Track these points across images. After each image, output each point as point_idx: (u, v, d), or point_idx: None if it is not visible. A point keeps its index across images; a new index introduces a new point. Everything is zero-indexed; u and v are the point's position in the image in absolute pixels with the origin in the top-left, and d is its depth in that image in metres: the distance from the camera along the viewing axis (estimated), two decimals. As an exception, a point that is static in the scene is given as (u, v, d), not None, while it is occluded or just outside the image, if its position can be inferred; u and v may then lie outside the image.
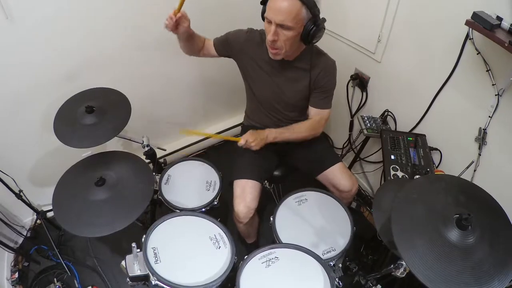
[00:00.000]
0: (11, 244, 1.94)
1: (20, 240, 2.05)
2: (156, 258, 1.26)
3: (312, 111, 1.61)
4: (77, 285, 1.84)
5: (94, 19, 1.68)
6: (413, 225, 0.99)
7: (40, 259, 1.98)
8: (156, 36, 1.92)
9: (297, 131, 1.58)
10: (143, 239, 1.31)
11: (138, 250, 1.27)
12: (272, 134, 1.54)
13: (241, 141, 1.48)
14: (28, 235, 2.08)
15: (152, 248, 1.29)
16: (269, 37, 1.34)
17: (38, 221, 2.10)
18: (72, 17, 1.61)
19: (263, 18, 1.37)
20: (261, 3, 1.36)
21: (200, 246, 1.34)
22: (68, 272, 1.88)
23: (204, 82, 2.36)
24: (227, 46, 1.59)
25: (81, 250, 2.03)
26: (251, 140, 1.47)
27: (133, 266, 1.26)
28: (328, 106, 1.60)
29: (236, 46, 1.57)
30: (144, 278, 1.27)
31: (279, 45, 1.36)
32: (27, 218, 2.14)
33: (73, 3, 1.58)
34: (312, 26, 1.31)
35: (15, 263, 1.94)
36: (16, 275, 1.87)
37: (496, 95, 1.34)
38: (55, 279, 1.84)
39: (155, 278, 1.20)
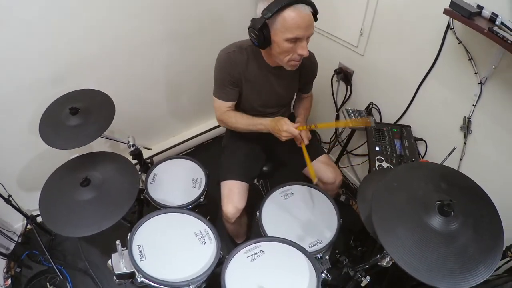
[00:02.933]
0: (3, 251, 1.94)
1: (12, 246, 2.04)
2: (142, 255, 1.26)
3: (303, 95, 1.76)
4: (69, 289, 1.83)
5: (79, 22, 1.68)
6: (394, 213, 0.99)
7: (32, 264, 1.97)
8: (141, 39, 1.95)
9: (308, 113, 1.74)
10: (128, 237, 1.31)
11: (124, 248, 1.27)
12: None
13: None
14: (20, 240, 2.07)
15: (138, 245, 1.29)
16: (305, 52, 1.30)
17: (29, 226, 2.09)
18: (58, 20, 1.62)
19: (268, 42, 1.30)
20: (260, 29, 1.25)
21: (185, 242, 1.33)
22: (60, 276, 1.87)
23: (190, 83, 2.38)
24: (236, 87, 1.51)
25: (72, 253, 2.03)
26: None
27: (119, 264, 1.26)
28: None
29: (238, 76, 1.47)
30: (131, 276, 1.27)
31: (307, 55, 1.33)
32: (18, 224, 2.13)
33: (58, 7, 1.59)
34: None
35: (8, 269, 1.92)
36: (9, 281, 1.86)
37: (479, 83, 1.35)
38: (47, 283, 1.84)
39: (141, 275, 1.20)
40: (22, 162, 1.96)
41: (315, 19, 1.31)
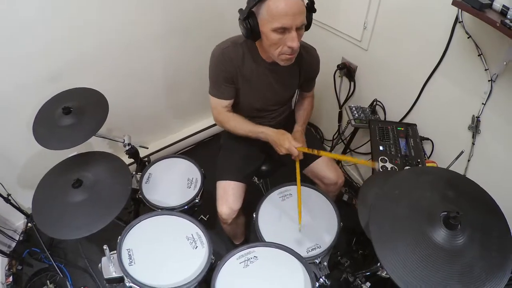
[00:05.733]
0: (5, 249, 1.95)
1: (13, 244, 2.05)
2: (131, 260, 1.24)
3: (304, 94, 1.69)
4: (69, 287, 1.84)
5: (73, 19, 1.65)
6: (394, 225, 0.91)
7: (32, 262, 1.98)
8: (136, 36, 1.91)
9: (308, 117, 1.68)
10: (118, 240, 1.28)
11: (114, 251, 1.25)
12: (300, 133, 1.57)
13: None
14: (21, 238, 2.08)
15: (127, 249, 1.27)
16: (295, 44, 1.19)
17: (29, 225, 2.10)
18: (52, 17, 1.59)
19: (257, 34, 1.23)
20: (246, 18, 1.21)
21: (176, 246, 1.30)
22: (60, 274, 1.88)
23: (188, 80, 2.34)
24: (231, 84, 1.44)
25: (72, 251, 2.03)
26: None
27: (109, 268, 1.25)
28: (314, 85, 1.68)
29: (234, 72, 1.41)
30: (120, 280, 1.25)
31: (297, 48, 1.24)
32: (19, 222, 2.14)
33: (53, 5, 1.56)
34: (311, 13, 1.25)
35: (9, 267, 1.94)
36: (11, 278, 1.88)
37: (489, 80, 1.28)
38: (48, 281, 1.85)
39: (129, 280, 1.18)
40: (20, 161, 1.96)
41: (313, 10, 1.25)
